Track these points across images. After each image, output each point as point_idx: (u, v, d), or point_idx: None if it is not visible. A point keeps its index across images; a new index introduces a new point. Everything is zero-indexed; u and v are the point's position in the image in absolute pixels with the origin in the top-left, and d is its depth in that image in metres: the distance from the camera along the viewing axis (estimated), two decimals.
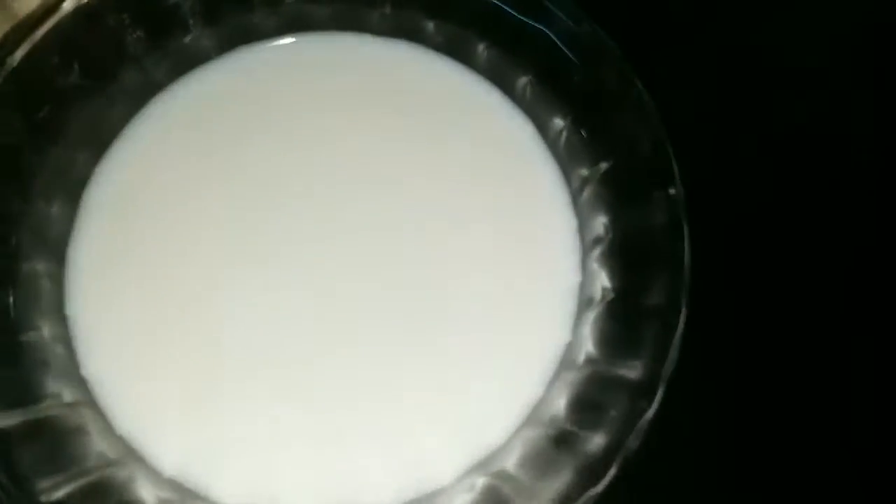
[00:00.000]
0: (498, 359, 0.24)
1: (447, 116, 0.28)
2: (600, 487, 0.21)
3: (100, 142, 0.26)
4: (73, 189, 0.26)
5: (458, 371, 0.24)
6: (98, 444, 0.22)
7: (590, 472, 0.21)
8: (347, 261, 0.25)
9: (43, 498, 0.20)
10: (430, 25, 0.28)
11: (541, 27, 0.27)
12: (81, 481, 0.21)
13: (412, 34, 0.29)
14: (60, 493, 0.20)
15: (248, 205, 0.26)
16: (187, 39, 0.27)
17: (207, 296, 0.24)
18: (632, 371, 0.23)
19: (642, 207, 0.25)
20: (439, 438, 0.23)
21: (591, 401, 0.23)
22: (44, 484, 0.20)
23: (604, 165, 0.26)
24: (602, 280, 0.25)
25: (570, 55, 0.26)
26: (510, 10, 0.27)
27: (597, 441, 0.22)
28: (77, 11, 0.25)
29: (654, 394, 0.22)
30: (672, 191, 0.24)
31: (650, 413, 0.22)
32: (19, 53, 0.24)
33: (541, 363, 0.25)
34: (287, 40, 0.28)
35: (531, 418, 0.24)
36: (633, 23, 0.30)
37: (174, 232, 0.25)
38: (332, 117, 0.28)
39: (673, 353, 0.22)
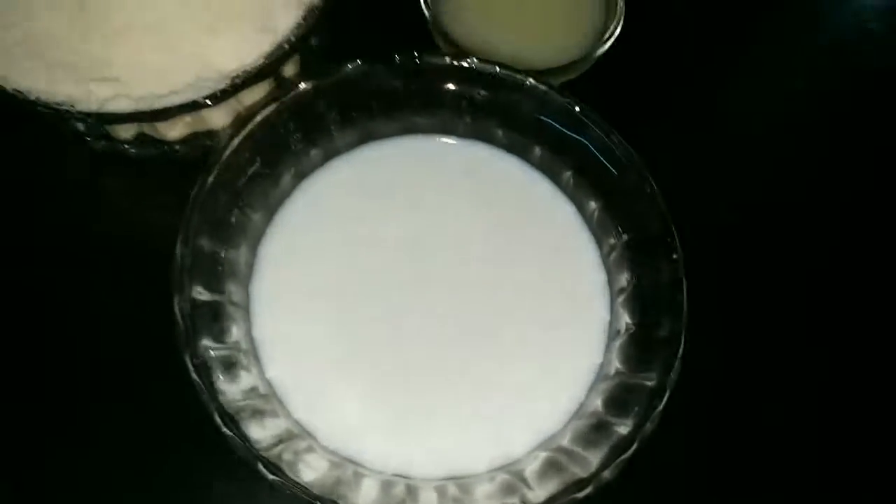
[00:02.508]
0: (554, 373, 0.35)
1: (510, 198, 0.39)
2: (628, 455, 0.31)
3: (270, 208, 0.37)
4: (253, 240, 0.36)
5: (528, 380, 0.35)
6: (283, 424, 0.32)
7: (621, 446, 0.32)
8: (447, 298, 0.36)
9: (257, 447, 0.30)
10: (500, 132, 0.39)
11: (580, 137, 0.38)
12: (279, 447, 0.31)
13: (486, 137, 0.40)
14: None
15: (374, 252, 0.37)
16: (329, 138, 0.38)
17: (350, 318, 0.35)
18: (648, 380, 0.33)
19: (654, 267, 0.36)
20: (516, 425, 0.34)
21: (619, 400, 0.34)
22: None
23: (625, 237, 0.37)
24: (625, 318, 0.36)
25: (602, 158, 0.37)
26: (556, 124, 0.38)
27: (625, 426, 0.32)
28: (263, 122, 0.36)
29: (664, 395, 0.32)
30: (674, 256, 0.35)
31: (661, 407, 0.32)
32: (228, 149, 0.34)
33: (583, 376, 0.35)
34: (398, 139, 0.39)
35: (578, 413, 0.34)
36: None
37: (323, 271, 0.36)
38: (428, 195, 0.39)
39: (676, 368, 0.33)
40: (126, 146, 0.40)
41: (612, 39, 0.44)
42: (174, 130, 0.38)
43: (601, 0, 0.46)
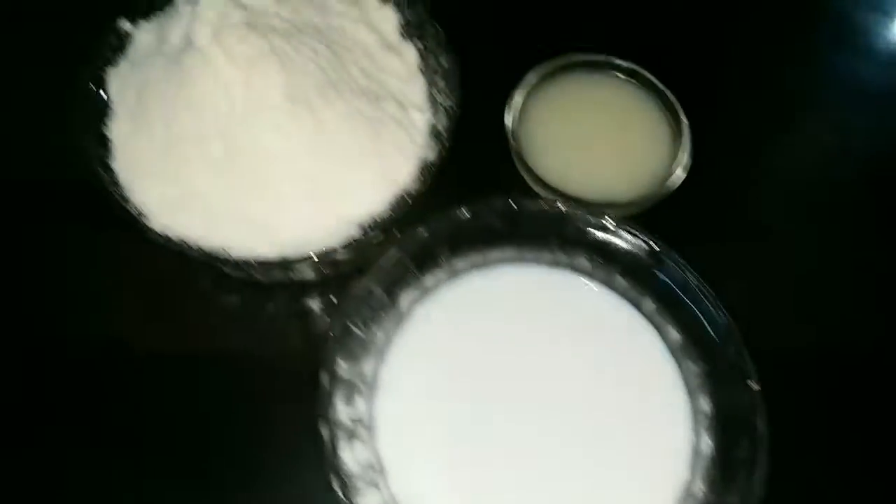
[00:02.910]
0: (641, 492, 0.39)
1: (599, 325, 0.44)
2: None
3: (391, 328, 0.42)
4: (377, 354, 0.42)
5: (615, 498, 0.39)
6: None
7: None
8: (544, 416, 0.41)
9: None
10: (588, 265, 0.44)
11: (659, 274, 0.43)
12: None
13: (574, 267, 0.45)
14: None
15: (481, 368, 0.42)
16: (437, 269, 0.44)
17: (458, 426, 0.40)
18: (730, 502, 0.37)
19: (732, 393, 0.40)
20: None
21: None
22: None
23: (702, 365, 0.41)
24: (707, 440, 0.40)
25: (680, 293, 0.42)
26: (641, 256, 0.43)
27: None
28: (385, 263, 0.41)
29: None
30: (752, 383, 0.39)
31: None
32: (359, 289, 0.40)
33: (669, 496, 0.39)
34: (499, 268, 0.45)
35: None
36: None
37: (437, 382, 0.41)
38: (525, 320, 0.44)
39: (757, 492, 0.37)
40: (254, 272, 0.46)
41: (685, 170, 0.49)
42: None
43: (668, 130, 0.51)
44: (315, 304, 0.49)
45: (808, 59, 0.61)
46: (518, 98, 0.51)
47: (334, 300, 0.49)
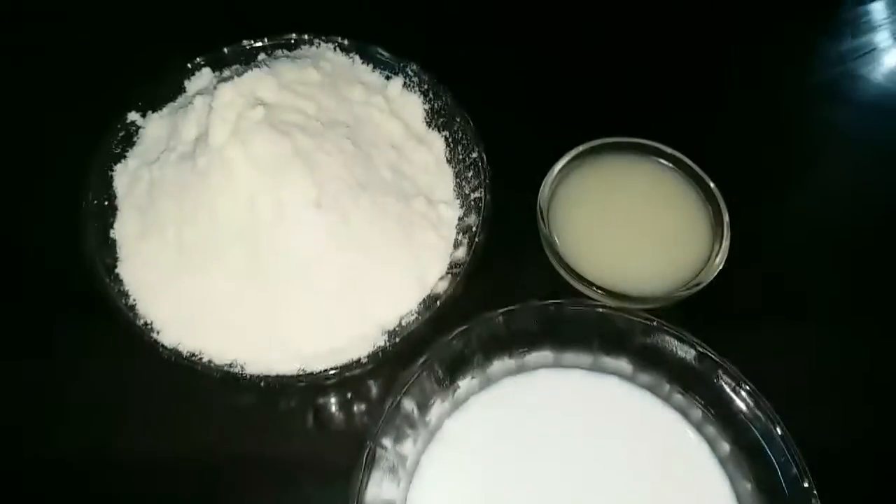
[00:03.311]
0: None
1: (645, 434, 0.41)
2: None
3: (423, 442, 0.39)
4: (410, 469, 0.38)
5: None
6: None
7: None
8: None
9: None
10: (630, 369, 0.42)
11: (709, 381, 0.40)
12: None
13: (613, 369, 0.42)
14: None
15: (523, 481, 0.39)
16: (469, 377, 0.40)
17: None
18: None
19: None
20: None
21: None
22: None
23: (755, 481, 0.38)
24: None
25: (735, 404, 0.39)
26: (689, 361, 0.40)
27: None
28: (414, 371, 0.38)
29: None
30: (805, 484, 0.36)
31: None
32: (389, 409, 0.37)
33: None
34: (536, 374, 0.41)
35: None
36: None
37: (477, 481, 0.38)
38: (564, 425, 0.40)
39: None
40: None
41: (721, 264, 0.46)
42: None
43: (707, 220, 0.49)
44: (332, 402, 0.46)
45: (851, 145, 0.59)
46: (549, 181, 0.48)
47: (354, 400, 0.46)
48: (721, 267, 0.47)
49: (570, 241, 0.48)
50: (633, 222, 0.49)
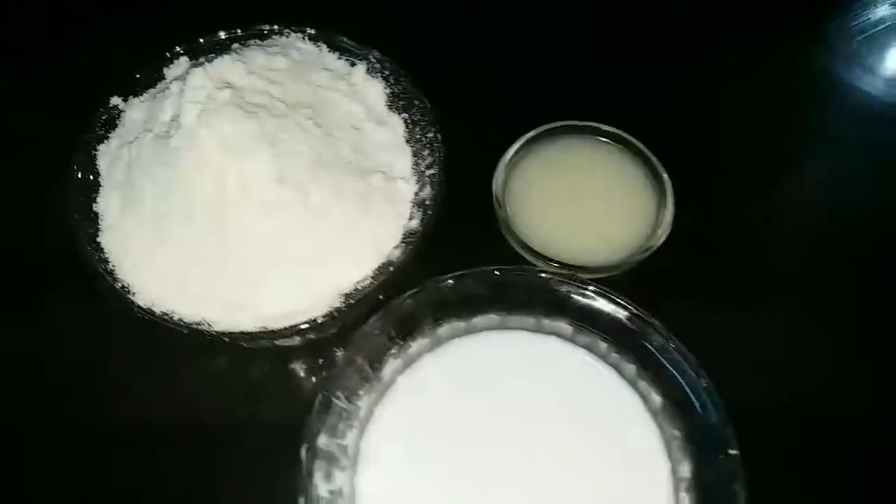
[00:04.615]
0: None
1: (582, 391, 0.44)
2: None
3: (375, 397, 0.43)
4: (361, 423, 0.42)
5: None
6: None
7: None
8: (531, 480, 0.41)
9: None
10: (570, 330, 0.45)
11: (641, 339, 0.43)
12: None
13: (557, 333, 0.46)
14: None
15: (468, 434, 0.42)
16: (421, 337, 0.44)
17: (445, 493, 0.41)
18: None
19: (713, 459, 0.40)
20: None
21: None
22: None
23: (683, 430, 0.42)
24: None
25: (661, 358, 0.43)
26: (623, 321, 0.44)
27: None
28: (368, 329, 0.42)
29: None
30: (732, 450, 0.40)
31: None
32: (341, 362, 0.40)
33: None
34: (482, 336, 0.45)
35: None
36: None
37: (423, 453, 0.42)
38: (510, 382, 0.44)
39: None
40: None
41: (667, 231, 0.50)
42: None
43: (652, 193, 0.52)
44: (299, 367, 0.50)
45: (797, 117, 0.62)
46: (504, 165, 0.52)
47: (319, 362, 0.50)
48: (667, 234, 0.50)
49: (525, 221, 0.52)
50: (582, 199, 0.53)
